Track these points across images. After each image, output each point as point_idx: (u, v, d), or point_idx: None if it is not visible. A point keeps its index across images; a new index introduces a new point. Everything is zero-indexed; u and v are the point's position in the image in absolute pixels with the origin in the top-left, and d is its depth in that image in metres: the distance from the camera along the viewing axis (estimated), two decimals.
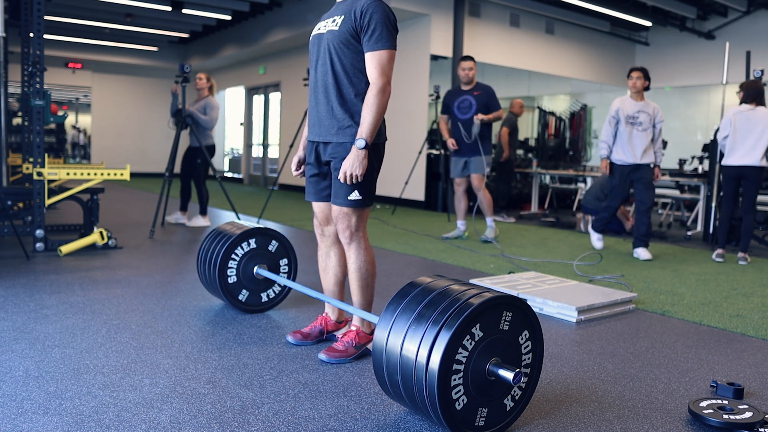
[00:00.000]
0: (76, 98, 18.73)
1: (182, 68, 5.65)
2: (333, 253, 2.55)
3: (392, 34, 2.26)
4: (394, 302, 1.83)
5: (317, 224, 2.55)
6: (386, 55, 2.24)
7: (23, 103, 5.89)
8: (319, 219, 2.54)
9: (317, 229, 2.56)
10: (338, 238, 2.51)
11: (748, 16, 10.00)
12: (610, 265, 4.77)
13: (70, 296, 3.22)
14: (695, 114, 11.61)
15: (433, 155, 8.98)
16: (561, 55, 10.57)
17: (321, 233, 2.56)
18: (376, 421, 1.87)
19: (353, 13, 2.26)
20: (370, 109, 2.22)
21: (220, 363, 2.32)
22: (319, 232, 2.56)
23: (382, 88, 2.23)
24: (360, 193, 2.33)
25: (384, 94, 2.24)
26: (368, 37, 2.24)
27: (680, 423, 1.93)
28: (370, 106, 2.22)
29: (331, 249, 2.55)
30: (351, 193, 2.32)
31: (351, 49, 2.29)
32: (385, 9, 2.26)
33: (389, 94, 2.26)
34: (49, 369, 2.18)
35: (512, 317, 1.76)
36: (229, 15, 11.41)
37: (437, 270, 4.34)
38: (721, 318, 3.27)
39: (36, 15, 4.32)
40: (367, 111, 2.23)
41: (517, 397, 1.82)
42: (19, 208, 5.03)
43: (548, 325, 3.01)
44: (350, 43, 2.28)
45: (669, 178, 7.50)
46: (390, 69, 2.26)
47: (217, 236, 3.03)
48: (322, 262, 2.58)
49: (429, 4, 8.65)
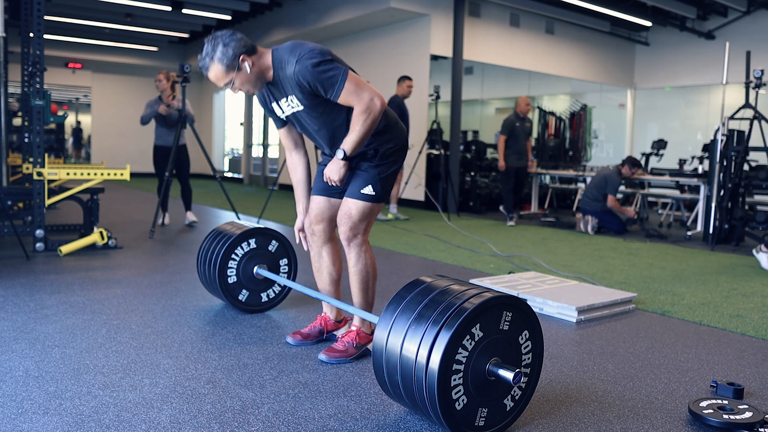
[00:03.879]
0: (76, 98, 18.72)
1: (182, 68, 5.65)
2: (325, 252, 2.53)
3: (336, 67, 2.13)
4: (394, 302, 1.83)
5: (308, 223, 2.51)
6: (350, 86, 2.14)
7: (23, 103, 5.89)
8: (313, 215, 2.49)
9: (308, 228, 2.51)
10: (328, 236, 2.49)
11: (748, 16, 10.00)
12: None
13: (70, 296, 3.22)
14: (695, 114, 11.61)
15: (433, 155, 8.98)
16: (561, 55, 10.57)
17: (312, 232, 2.51)
18: (376, 421, 1.87)
19: (296, 87, 2.18)
20: (357, 125, 2.18)
21: (220, 363, 2.32)
22: (309, 232, 2.51)
23: (366, 107, 2.15)
24: (374, 189, 2.34)
25: (369, 111, 2.15)
26: (325, 91, 2.16)
27: (680, 423, 1.93)
28: (357, 122, 2.18)
29: (322, 249, 2.52)
30: (365, 187, 2.33)
31: (324, 102, 2.23)
32: (310, 62, 2.11)
33: (377, 106, 2.16)
34: (49, 369, 2.18)
35: (512, 317, 1.76)
36: (229, 15, 11.41)
37: (437, 270, 4.34)
38: (721, 318, 3.27)
39: (36, 15, 4.32)
40: (355, 126, 2.19)
41: (517, 397, 1.82)
42: (19, 208, 5.03)
43: (548, 325, 3.01)
44: (318, 101, 2.22)
45: (669, 178, 7.50)
46: (362, 88, 2.15)
47: (217, 236, 3.03)
48: (315, 263, 2.56)
49: (429, 4, 8.65)
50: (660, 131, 11.67)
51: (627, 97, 12.13)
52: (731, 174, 6.12)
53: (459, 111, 8.72)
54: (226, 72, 2.15)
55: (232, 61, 2.14)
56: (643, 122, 12.12)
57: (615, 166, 7.12)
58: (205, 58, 2.17)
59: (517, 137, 7.36)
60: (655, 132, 11.80)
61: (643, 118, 12.12)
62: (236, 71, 2.16)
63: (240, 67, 2.16)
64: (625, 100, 12.17)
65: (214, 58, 2.14)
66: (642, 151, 10.25)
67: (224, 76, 2.16)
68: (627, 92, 12.08)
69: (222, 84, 2.19)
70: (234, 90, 2.23)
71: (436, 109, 7.69)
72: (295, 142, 2.51)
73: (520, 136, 7.39)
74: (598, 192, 6.91)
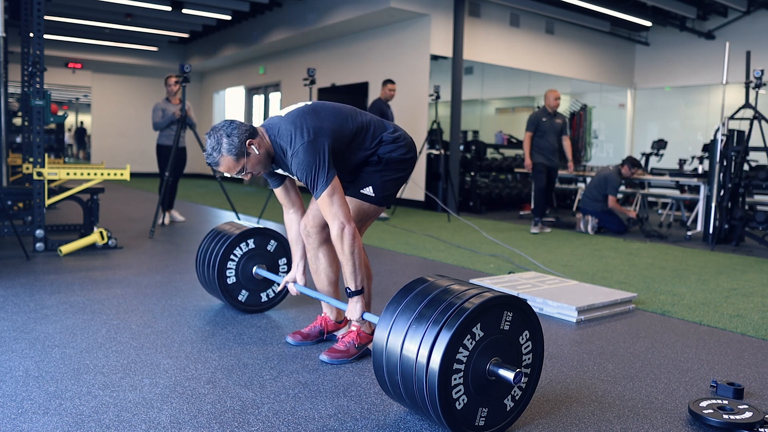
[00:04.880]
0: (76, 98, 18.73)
1: (182, 68, 5.65)
2: (321, 254, 2.52)
3: (322, 173, 2.12)
4: (394, 302, 1.83)
5: (303, 225, 2.49)
6: (326, 197, 2.13)
7: (23, 103, 5.89)
8: (311, 215, 2.47)
9: (303, 230, 2.50)
10: (324, 238, 2.48)
11: (748, 16, 10.00)
12: None
13: (70, 296, 3.22)
14: (695, 114, 11.61)
15: (433, 155, 8.98)
16: (561, 55, 10.57)
17: (307, 234, 2.49)
18: (376, 421, 1.87)
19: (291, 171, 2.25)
20: (341, 259, 2.20)
21: (220, 363, 2.32)
22: (305, 234, 2.50)
23: (337, 235, 2.14)
24: (374, 191, 2.35)
25: (341, 241, 2.14)
26: (310, 187, 2.17)
27: (680, 423, 1.93)
28: (339, 255, 2.19)
29: (318, 251, 2.51)
30: (365, 188, 2.35)
31: None
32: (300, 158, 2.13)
33: (350, 236, 2.14)
34: (49, 369, 2.18)
35: (513, 317, 1.76)
36: (229, 15, 11.41)
37: (437, 270, 4.34)
38: (721, 318, 3.27)
39: (36, 15, 4.32)
40: (342, 260, 2.20)
41: (517, 398, 1.82)
42: (19, 208, 5.03)
43: (548, 325, 3.01)
44: None
45: (669, 178, 7.50)
46: (338, 204, 2.14)
47: (216, 237, 3.03)
48: (312, 264, 2.56)
49: (429, 4, 8.65)
50: (660, 131, 11.67)
51: (627, 97, 12.13)
52: (731, 174, 6.12)
53: (459, 111, 8.72)
54: (237, 161, 2.15)
55: (239, 149, 2.14)
56: (643, 122, 12.12)
57: (615, 166, 7.12)
58: (212, 153, 2.15)
59: (543, 134, 6.63)
60: (655, 132, 11.80)
61: (643, 118, 12.12)
62: (246, 157, 2.16)
63: (248, 152, 2.17)
64: (625, 100, 12.17)
65: (221, 151, 2.13)
66: (642, 151, 10.25)
67: (236, 165, 2.16)
68: (627, 92, 12.08)
69: (235, 173, 2.19)
70: (246, 176, 2.23)
71: (436, 109, 7.69)
72: (291, 202, 2.54)
73: (548, 133, 6.63)
74: (598, 192, 6.91)
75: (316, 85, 10.53)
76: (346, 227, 2.14)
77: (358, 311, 2.24)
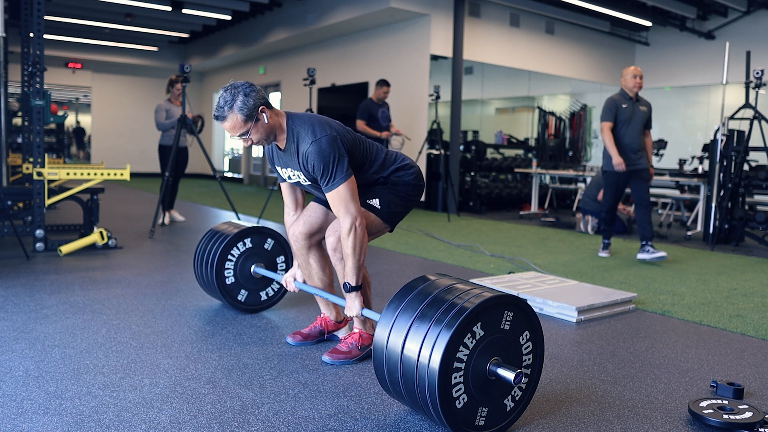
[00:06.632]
0: (76, 98, 18.73)
1: (182, 68, 5.65)
2: (312, 260, 2.51)
3: (341, 167, 2.15)
4: (395, 301, 1.83)
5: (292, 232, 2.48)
6: (343, 190, 2.15)
7: (23, 103, 5.89)
8: (303, 220, 2.46)
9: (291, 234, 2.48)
10: (312, 243, 2.47)
11: (748, 16, 10.00)
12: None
13: (70, 296, 3.22)
14: (695, 114, 11.61)
15: (433, 155, 8.97)
16: (561, 55, 10.57)
17: (295, 239, 2.48)
18: (376, 421, 1.87)
19: (302, 166, 2.21)
20: (347, 254, 2.19)
21: (220, 363, 2.32)
22: (293, 239, 2.49)
23: (349, 230, 2.14)
24: (380, 203, 2.34)
25: (353, 235, 2.15)
26: (323, 181, 2.17)
27: (680, 423, 1.93)
28: (346, 251, 2.18)
29: (308, 257, 2.51)
30: (372, 199, 2.34)
31: None
32: (323, 146, 2.14)
33: (361, 231, 2.16)
34: (49, 369, 2.18)
35: (513, 317, 1.76)
36: (229, 15, 11.41)
37: (437, 270, 4.34)
38: (721, 318, 3.27)
39: (36, 15, 4.32)
40: (347, 256, 2.19)
41: (517, 398, 1.82)
42: (19, 208, 5.03)
43: (548, 325, 3.01)
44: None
45: (669, 178, 7.50)
46: (353, 200, 2.16)
47: (213, 237, 3.03)
48: (305, 270, 2.54)
49: (429, 4, 8.65)
50: (660, 131, 11.67)
51: None
52: (731, 174, 6.12)
53: (459, 111, 8.72)
54: (245, 122, 2.12)
55: (252, 111, 2.11)
56: None
57: None
58: (224, 107, 2.11)
59: (624, 125, 4.95)
60: (655, 132, 11.79)
61: None
62: (254, 122, 2.14)
63: (258, 118, 2.15)
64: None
65: (234, 107, 2.10)
66: None
67: (242, 126, 2.12)
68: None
69: (237, 133, 2.15)
70: (246, 142, 2.19)
71: (436, 109, 7.69)
72: (296, 201, 2.52)
73: (631, 123, 4.94)
74: (598, 192, 6.90)
75: (316, 85, 10.54)
76: (358, 221, 2.15)
77: (357, 307, 2.24)
